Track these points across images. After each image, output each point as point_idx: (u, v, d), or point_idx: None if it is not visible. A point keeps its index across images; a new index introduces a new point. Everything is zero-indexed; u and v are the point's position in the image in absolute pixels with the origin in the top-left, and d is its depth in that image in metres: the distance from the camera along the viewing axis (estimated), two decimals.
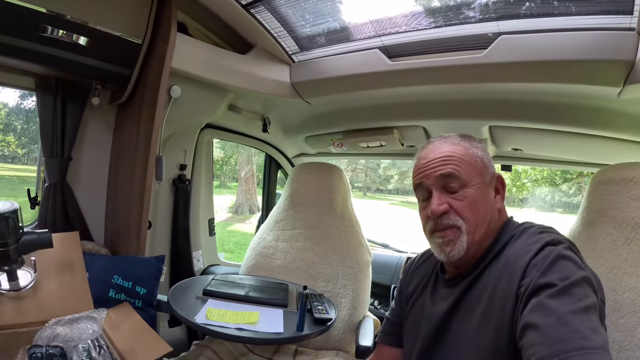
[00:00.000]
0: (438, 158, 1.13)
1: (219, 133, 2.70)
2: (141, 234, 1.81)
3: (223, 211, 13.98)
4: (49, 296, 1.36)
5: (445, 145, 1.16)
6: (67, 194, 1.93)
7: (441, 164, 1.12)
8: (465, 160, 1.12)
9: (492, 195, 1.15)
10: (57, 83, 1.84)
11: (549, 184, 11.26)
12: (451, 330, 1.09)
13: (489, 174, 1.15)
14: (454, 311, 1.09)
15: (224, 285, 1.87)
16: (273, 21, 1.89)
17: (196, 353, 1.82)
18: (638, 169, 1.39)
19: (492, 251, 1.08)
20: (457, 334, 1.06)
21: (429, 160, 1.15)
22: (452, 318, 1.09)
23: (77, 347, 1.14)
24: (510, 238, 1.07)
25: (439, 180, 1.11)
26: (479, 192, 1.10)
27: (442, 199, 1.10)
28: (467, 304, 1.07)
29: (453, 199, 1.09)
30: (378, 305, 2.90)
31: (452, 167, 1.10)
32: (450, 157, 1.12)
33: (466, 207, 1.08)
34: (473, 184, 1.10)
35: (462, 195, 1.09)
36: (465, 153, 1.13)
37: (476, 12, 1.61)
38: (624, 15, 1.36)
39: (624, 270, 1.31)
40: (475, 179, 1.11)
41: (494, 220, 1.13)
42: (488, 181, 1.14)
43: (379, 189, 24.05)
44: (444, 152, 1.14)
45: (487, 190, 1.13)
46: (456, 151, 1.13)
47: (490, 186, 1.15)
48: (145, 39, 1.75)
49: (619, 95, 1.53)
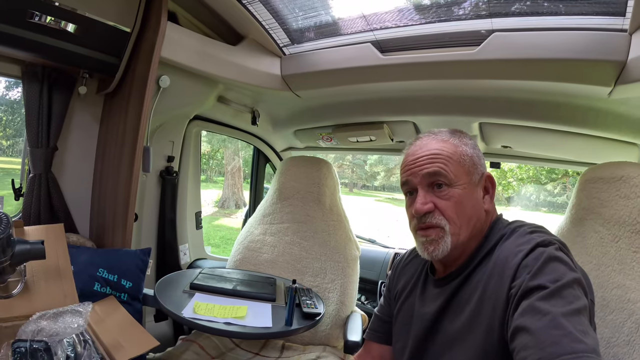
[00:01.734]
0: (425, 156, 1.11)
1: (207, 125, 2.67)
2: (127, 226, 1.78)
3: (209, 205, 13.93)
4: (33, 290, 1.33)
5: (434, 142, 1.14)
6: (52, 185, 1.90)
7: (428, 162, 1.10)
8: (453, 158, 1.10)
9: (479, 195, 1.13)
10: (43, 71, 1.80)
11: (535, 183, 11.36)
12: (442, 331, 1.08)
13: (477, 173, 1.13)
14: (444, 311, 1.09)
15: (212, 279, 1.85)
16: (265, 12, 1.86)
17: (183, 348, 1.80)
18: (627, 167, 1.41)
19: (482, 251, 1.07)
20: (447, 335, 1.05)
21: (416, 157, 1.13)
22: (442, 318, 1.09)
23: (61, 341, 1.12)
24: (501, 237, 1.06)
25: (424, 179, 1.10)
26: (466, 192, 1.09)
27: (427, 198, 1.08)
28: (457, 305, 1.06)
29: (438, 198, 1.08)
30: (365, 300, 2.90)
31: (439, 165, 1.08)
32: (438, 155, 1.10)
33: (451, 207, 1.07)
34: (460, 183, 1.08)
35: (447, 194, 1.07)
36: (454, 151, 1.11)
37: (469, 9, 1.61)
38: (617, 17, 1.38)
39: (611, 268, 1.34)
40: (462, 178, 1.09)
41: (481, 220, 1.11)
42: (476, 180, 1.12)
43: (365, 185, 24.11)
44: (431, 149, 1.12)
45: (474, 190, 1.11)
46: (444, 149, 1.11)
47: (479, 186, 1.13)
48: (134, 28, 1.72)
49: (610, 95, 1.54)
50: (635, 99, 1.58)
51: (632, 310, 1.24)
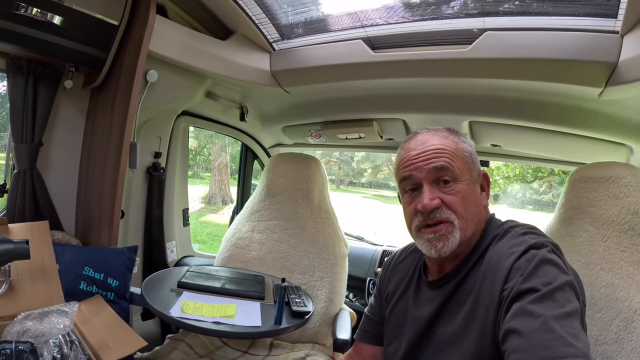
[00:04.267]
0: (430, 150, 1.10)
1: (195, 121, 2.64)
2: (113, 223, 1.75)
3: (196, 202, 13.91)
4: (18, 290, 1.31)
5: (436, 137, 1.13)
6: (36, 181, 1.86)
7: (434, 157, 1.08)
8: (457, 154, 1.10)
9: (479, 192, 1.14)
10: (29, 64, 1.76)
11: (521, 181, 11.45)
12: (436, 333, 1.07)
13: (476, 170, 1.13)
14: (440, 315, 1.08)
15: (199, 277, 1.83)
16: (255, 7, 1.84)
17: (170, 347, 1.79)
18: (616, 168, 1.44)
19: (477, 252, 1.06)
20: (442, 338, 1.05)
21: (419, 152, 1.11)
22: (437, 321, 1.08)
23: (47, 342, 1.10)
24: (494, 238, 1.06)
25: (431, 174, 1.08)
26: (469, 187, 1.08)
27: (434, 194, 1.06)
28: (452, 308, 1.06)
29: (445, 194, 1.07)
30: (354, 298, 2.91)
31: (445, 160, 1.07)
32: (443, 150, 1.09)
33: (459, 201, 1.06)
34: (464, 179, 1.08)
35: (454, 189, 1.06)
36: (457, 147, 1.11)
37: (462, 7, 1.61)
38: (609, 19, 1.39)
39: (600, 267, 1.37)
40: (465, 174, 1.09)
41: (482, 217, 1.11)
42: (476, 177, 1.13)
43: (352, 182, 24.24)
44: (435, 144, 1.11)
45: (475, 186, 1.12)
46: (447, 144, 1.11)
47: (477, 183, 1.14)
48: (122, 21, 1.69)
49: (600, 95, 1.55)
50: (625, 100, 1.60)
51: (620, 309, 1.27)
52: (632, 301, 1.25)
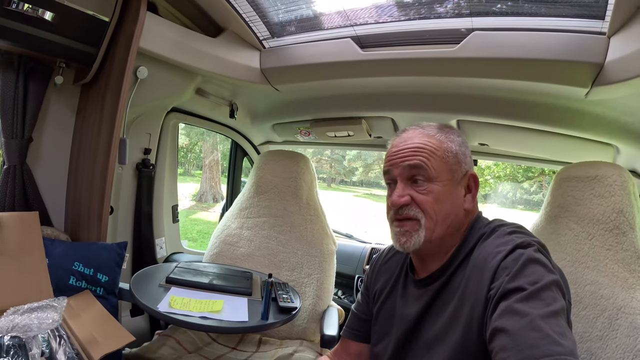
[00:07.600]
0: (409, 148, 1.11)
1: (185, 117, 2.64)
2: (103, 219, 1.75)
3: (186, 199, 13.84)
4: (7, 283, 1.31)
5: (420, 136, 1.14)
6: (26, 177, 1.86)
7: (410, 155, 1.10)
8: (436, 154, 1.09)
9: (460, 194, 1.12)
10: (20, 60, 1.76)
11: (511, 181, 11.49)
12: (423, 331, 1.08)
13: (460, 171, 1.12)
14: (426, 313, 1.09)
15: (188, 273, 1.84)
16: (245, 5, 1.84)
17: (159, 343, 1.79)
18: (601, 167, 1.45)
19: (462, 251, 1.07)
20: (428, 334, 1.06)
21: (399, 149, 1.13)
22: (424, 319, 1.09)
23: (36, 337, 1.09)
24: (480, 237, 1.06)
25: (405, 171, 1.10)
26: (445, 189, 1.08)
27: (405, 191, 1.09)
28: (438, 306, 1.06)
29: (417, 192, 1.08)
30: (342, 295, 2.92)
31: (420, 159, 1.08)
32: (422, 148, 1.10)
33: (429, 202, 1.06)
34: (440, 179, 1.08)
35: (426, 189, 1.07)
36: (439, 147, 1.11)
37: (450, 7, 1.62)
38: (596, 20, 1.40)
39: (585, 265, 1.38)
40: (443, 174, 1.09)
41: (458, 219, 1.11)
42: (459, 178, 1.12)
43: (343, 180, 24.21)
44: (415, 142, 1.12)
45: (455, 187, 1.11)
46: (429, 143, 1.11)
47: (461, 184, 1.12)
48: (113, 17, 1.69)
49: (586, 96, 1.56)
50: (612, 101, 1.61)
51: (604, 307, 1.28)
52: (616, 299, 1.26)
